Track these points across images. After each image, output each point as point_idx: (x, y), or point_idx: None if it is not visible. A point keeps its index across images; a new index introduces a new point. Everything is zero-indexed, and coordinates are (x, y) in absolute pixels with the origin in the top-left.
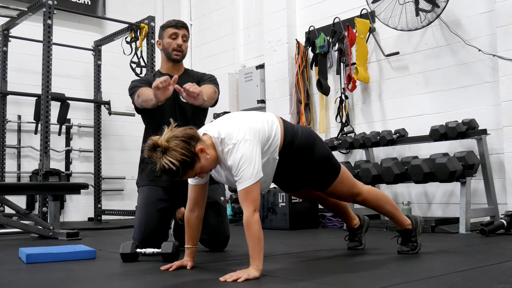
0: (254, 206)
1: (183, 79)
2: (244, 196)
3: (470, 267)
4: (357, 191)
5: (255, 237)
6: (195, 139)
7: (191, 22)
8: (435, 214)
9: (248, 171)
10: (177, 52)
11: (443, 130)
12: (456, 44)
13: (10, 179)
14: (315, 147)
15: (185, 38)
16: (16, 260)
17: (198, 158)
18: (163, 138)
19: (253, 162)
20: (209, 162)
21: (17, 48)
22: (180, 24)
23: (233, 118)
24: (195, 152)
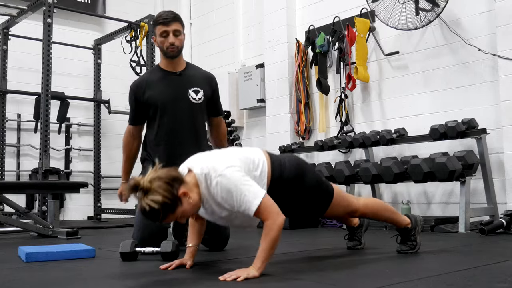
0: (275, 212)
1: (186, 76)
2: (261, 213)
3: (469, 267)
4: (353, 209)
5: (271, 241)
6: (178, 181)
7: (191, 21)
8: (434, 213)
9: (248, 193)
10: (172, 48)
11: (442, 130)
12: (456, 44)
13: (10, 177)
14: (305, 177)
15: (177, 32)
16: (15, 259)
17: (181, 201)
18: (146, 178)
19: (248, 183)
20: (191, 206)
21: (17, 46)
22: (169, 19)
23: (218, 152)
24: (178, 196)
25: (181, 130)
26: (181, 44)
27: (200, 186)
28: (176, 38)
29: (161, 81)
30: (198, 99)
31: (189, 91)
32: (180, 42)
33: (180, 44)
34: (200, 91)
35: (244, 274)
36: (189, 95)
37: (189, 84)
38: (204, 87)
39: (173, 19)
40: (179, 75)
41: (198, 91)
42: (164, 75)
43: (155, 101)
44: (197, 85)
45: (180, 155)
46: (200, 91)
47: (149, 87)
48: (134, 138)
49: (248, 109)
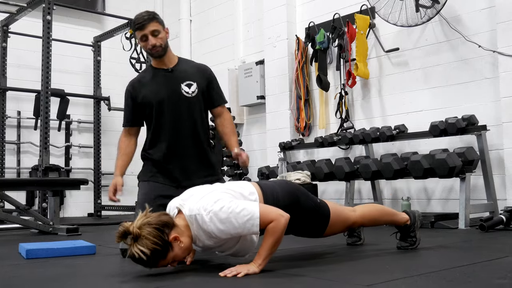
0: (278, 214)
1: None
2: (266, 222)
3: (469, 263)
4: (351, 223)
5: (274, 238)
6: (169, 226)
7: (190, 18)
8: (434, 209)
9: (244, 214)
10: (155, 50)
11: (442, 126)
12: (456, 40)
13: (10, 174)
14: (300, 202)
15: (156, 32)
16: (16, 256)
17: (172, 247)
18: (135, 224)
19: (238, 205)
20: (183, 251)
21: (17, 44)
22: (144, 23)
23: (205, 190)
24: (169, 241)
25: (178, 126)
26: (164, 42)
27: (191, 227)
28: (156, 38)
29: (154, 79)
30: (191, 93)
31: (181, 85)
32: (162, 40)
33: (162, 42)
34: (193, 84)
35: (245, 270)
36: (182, 90)
37: (181, 79)
38: (197, 79)
39: (148, 20)
40: (170, 71)
41: (191, 85)
42: (156, 73)
43: (150, 100)
44: (189, 79)
45: (179, 151)
46: (193, 84)
47: (143, 86)
48: (131, 138)
49: (248, 105)
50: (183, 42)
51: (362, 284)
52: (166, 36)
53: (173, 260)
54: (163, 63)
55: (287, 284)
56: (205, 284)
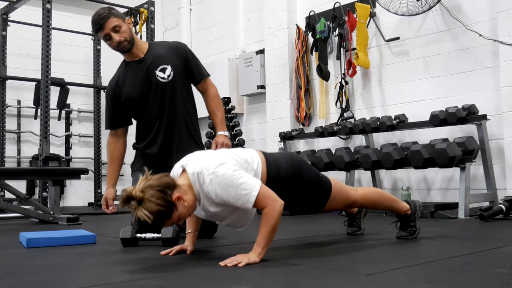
0: (273, 199)
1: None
2: (260, 203)
3: (468, 252)
4: (352, 201)
5: (270, 226)
6: (171, 186)
7: (190, 6)
8: (434, 199)
9: (245, 187)
10: (122, 46)
11: (443, 116)
12: (456, 29)
13: (10, 164)
14: (302, 174)
15: (117, 27)
16: (16, 245)
17: (175, 206)
18: (137, 188)
19: (242, 177)
20: (187, 209)
21: (16, 32)
22: (101, 22)
23: (209, 152)
24: (172, 201)
25: (161, 114)
26: (128, 35)
27: (194, 186)
28: (119, 34)
29: (129, 74)
30: (167, 77)
31: (156, 72)
32: (126, 33)
33: (127, 35)
34: (167, 67)
35: (245, 260)
36: (157, 76)
37: (154, 65)
38: (171, 61)
39: (105, 18)
40: (142, 60)
41: (165, 69)
42: (129, 67)
43: (131, 96)
44: (162, 63)
45: (166, 138)
46: (167, 67)
47: (122, 84)
48: (118, 139)
49: (248, 95)
50: (183, 31)
51: (362, 273)
52: (130, 27)
53: (178, 219)
54: (133, 55)
55: (286, 273)
56: (205, 273)
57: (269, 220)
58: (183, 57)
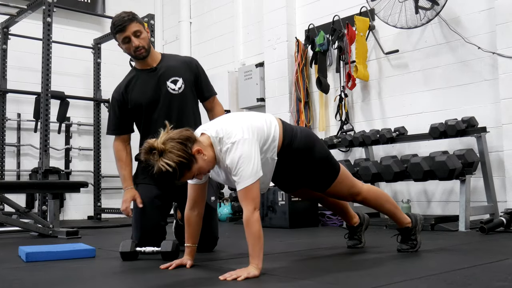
0: (254, 204)
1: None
2: (243, 195)
3: (469, 265)
4: (356, 191)
5: (255, 235)
6: (191, 140)
7: (190, 20)
8: (434, 212)
9: (247, 170)
10: (139, 52)
11: (442, 128)
12: (455, 42)
13: (10, 177)
14: (314, 148)
15: (138, 33)
16: (15, 259)
17: (195, 159)
18: (159, 140)
19: (252, 161)
20: (207, 163)
21: (17, 46)
22: (124, 24)
23: (232, 117)
24: (192, 154)
25: None
26: (147, 42)
27: (215, 147)
28: (139, 39)
29: (139, 81)
30: (178, 89)
31: (167, 83)
32: (145, 41)
33: (146, 43)
34: (179, 79)
35: (245, 274)
36: (168, 87)
37: (166, 76)
38: (183, 74)
39: (128, 21)
40: (154, 70)
41: (176, 81)
42: (141, 75)
43: (139, 103)
44: (174, 75)
45: None
46: (179, 79)
47: (131, 91)
48: (125, 145)
49: (248, 108)
50: (183, 44)
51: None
52: (148, 36)
53: (198, 173)
54: (146, 63)
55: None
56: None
57: (249, 229)
58: (194, 72)
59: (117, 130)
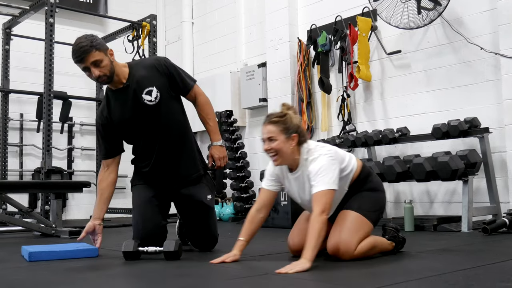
0: (323, 208)
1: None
2: (318, 197)
3: (472, 266)
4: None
5: (315, 232)
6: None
7: (192, 20)
8: (437, 212)
9: (325, 178)
10: (101, 80)
11: (445, 129)
12: (458, 42)
13: (13, 177)
14: (379, 193)
15: (98, 62)
16: (18, 258)
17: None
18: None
19: (331, 173)
20: (289, 146)
21: (19, 46)
22: (82, 56)
23: (323, 144)
24: (294, 129)
25: (154, 138)
26: (108, 68)
27: (301, 155)
28: (99, 68)
29: (115, 102)
30: (154, 99)
31: (142, 96)
32: (106, 68)
33: (107, 70)
34: (153, 88)
35: (297, 267)
36: (144, 100)
37: (139, 90)
38: (155, 81)
39: (86, 52)
40: (126, 87)
41: (151, 91)
42: (115, 95)
43: (123, 123)
44: (147, 85)
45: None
46: (153, 88)
47: (110, 114)
48: (110, 171)
49: (250, 108)
50: (185, 45)
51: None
52: (111, 58)
53: (277, 149)
54: (116, 82)
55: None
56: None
57: (315, 227)
58: (166, 74)
59: (105, 154)
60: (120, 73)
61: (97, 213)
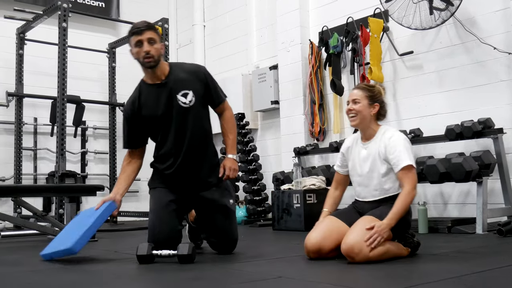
0: (413, 184)
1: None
2: (405, 173)
3: (487, 268)
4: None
5: (404, 204)
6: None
7: (204, 23)
8: (451, 214)
9: (406, 155)
10: (148, 59)
11: (458, 130)
12: (471, 43)
13: (27, 181)
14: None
15: (152, 40)
16: (33, 262)
17: (373, 106)
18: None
19: (409, 152)
20: (370, 112)
21: (33, 51)
22: (142, 28)
23: None
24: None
25: (181, 139)
26: (158, 53)
27: (378, 132)
28: (151, 46)
29: (149, 96)
30: (188, 102)
31: (177, 97)
32: (156, 51)
33: (156, 53)
34: (189, 92)
35: (376, 229)
36: (179, 101)
37: (176, 90)
38: (192, 86)
39: (146, 28)
40: (163, 84)
41: (186, 94)
42: (151, 89)
43: (152, 118)
44: (184, 88)
45: (185, 163)
46: (189, 92)
47: (142, 105)
48: (135, 160)
49: (262, 111)
50: (196, 48)
51: None
52: (161, 50)
53: (363, 112)
54: (154, 76)
55: None
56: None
57: (405, 199)
58: (203, 82)
59: (129, 144)
60: (162, 68)
61: (117, 189)
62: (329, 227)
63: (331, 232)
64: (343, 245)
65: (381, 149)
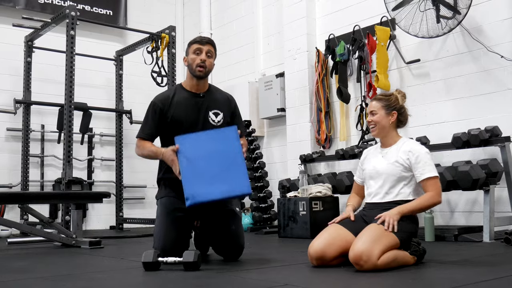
0: (439, 192)
1: (208, 98)
2: (433, 184)
3: (495, 277)
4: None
5: (424, 202)
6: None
7: (211, 31)
8: (458, 222)
9: (431, 165)
10: (200, 68)
11: (465, 138)
12: (478, 51)
13: (34, 187)
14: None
15: (209, 54)
16: (40, 269)
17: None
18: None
19: (433, 163)
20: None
21: (41, 58)
22: (205, 40)
23: None
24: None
25: None
26: (210, 66)
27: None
28: (207, 58)
29: (185, 101)
30: (217, 122)
31: (209, 113)
32: (210, 64)
33: (210, 66)
34: (220, 113)
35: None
36: (209, 117)
37: (210, 107)
38: (223, 109)
39: (208, 42)
40: (202, 96)
41: (218, 114)
42: (188, 96)
43: (180, 121)
44: (217, 108)
45: None
46: (220, 113)
47: (174, 105)
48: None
49: (269, 118)
50: None
51: None
52: (213, 66)
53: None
54: (197, 87)
55: None
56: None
57: (427, 200)
58: (232, 111)
59: (148, 135)
60: (204, 83)
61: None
62: (333, 235)
63: (334, 239)
64: (351, 253)
65: (400, 154)
